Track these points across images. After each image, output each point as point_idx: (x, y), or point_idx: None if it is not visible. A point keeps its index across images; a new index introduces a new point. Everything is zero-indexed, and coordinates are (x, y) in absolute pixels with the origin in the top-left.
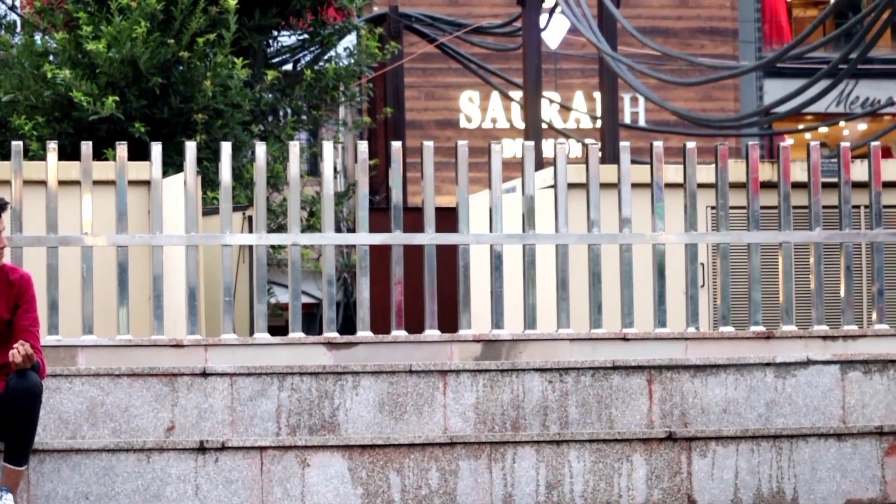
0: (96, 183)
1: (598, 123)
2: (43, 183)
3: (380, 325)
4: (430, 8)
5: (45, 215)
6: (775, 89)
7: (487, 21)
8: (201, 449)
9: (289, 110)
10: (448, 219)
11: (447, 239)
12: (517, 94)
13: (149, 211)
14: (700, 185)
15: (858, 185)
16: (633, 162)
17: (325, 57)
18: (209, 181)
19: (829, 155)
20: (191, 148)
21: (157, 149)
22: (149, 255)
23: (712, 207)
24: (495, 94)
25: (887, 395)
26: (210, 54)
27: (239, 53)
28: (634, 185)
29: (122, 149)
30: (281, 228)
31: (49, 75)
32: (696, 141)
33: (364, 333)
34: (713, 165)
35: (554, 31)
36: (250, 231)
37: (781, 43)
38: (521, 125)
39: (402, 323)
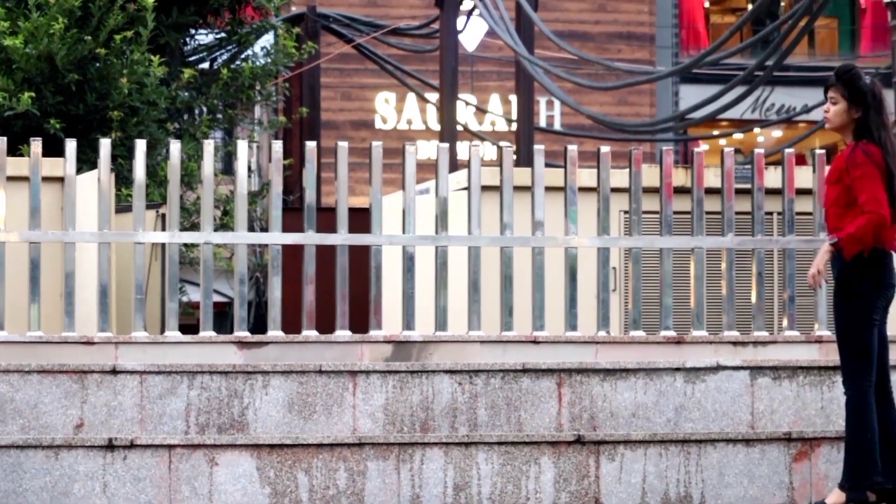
0: (10, 179)
1: (514, 126)
2: None
3: (291, 324)
4: (347, 8)
5: None
6: (691, 95)
7: (405, 22)
8: (110, 446)
9: (204, 109)
10: (361, 219)
11: (360, 240)
12: (433, 96)
13: (62, 208)
14: (613, 190)
15: (772, 192)
16: (547, 165)
17: (242, 56)
18: (123, 179)
19: (743, 161)
20: (105, 145)
21: (71, 146)
22: (61, 252)
23: (625, 212)
24: (411, 96)
25: (796, 401)
26: (127, 51)
27: (156, 51)
28: (548, 189)
29: (36, 145)
30: (194, 227)
31: None
32: (611, 145)
33: (275, 333)
34: (627, 170)
35: (471, 34)
36: (163, 229)
37: (698, 49)
38: (436, 127)
39: (313, 323)
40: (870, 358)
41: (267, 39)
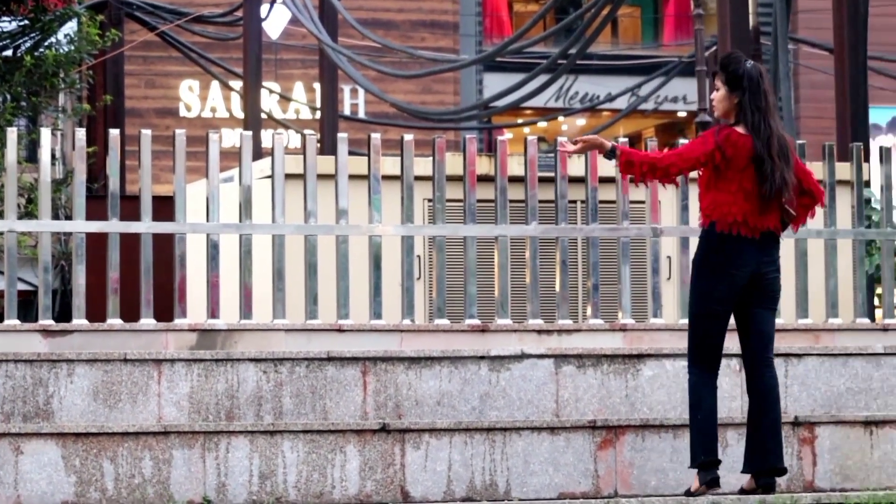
0: None
1: (318, 114)
2: None
3: (96, 313)
4: None
5: None
6: (495, 83)
7: (209, 10)
8: None
9: (8, 96)
10: (166, 207)
11: (164, 228)
12: (237, 84)
13: None
14: (417, 178)
15: (575, 180)
16: (351, 153)
17: (46, 43)
18: None
19: (547, 150)
20: None
21: None
22: None
23: (429, 200)
24: (215, 84)
25: (601, 389)
26: None
27: None
28: (352, 177)
29: None
30: None
31: None
32: (416, 133)
33: (79, 321)
34: (431, 158)
35: (275, 22)
36: None
37: (502, 37)
38: (240, 115)
39: (117, 311)
40: (706, 344)
41: (70, 27)
